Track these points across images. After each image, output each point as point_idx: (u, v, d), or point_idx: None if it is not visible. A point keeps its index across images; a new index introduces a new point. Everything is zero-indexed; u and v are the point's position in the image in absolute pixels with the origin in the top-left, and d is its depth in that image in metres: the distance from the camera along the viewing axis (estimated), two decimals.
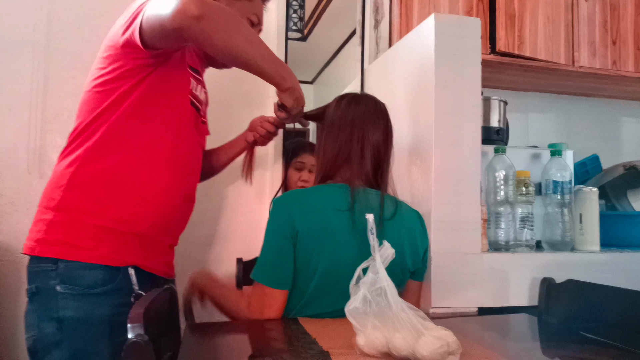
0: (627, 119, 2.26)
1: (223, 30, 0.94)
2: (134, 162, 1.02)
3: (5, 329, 1.45)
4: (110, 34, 1.04)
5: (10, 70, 1.52)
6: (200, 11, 0.89)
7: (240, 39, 0.96)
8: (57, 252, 0.96)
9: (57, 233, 0.97)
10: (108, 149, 1.00)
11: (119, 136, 1.01)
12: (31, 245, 0.98)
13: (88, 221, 0.97)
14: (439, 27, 1.16)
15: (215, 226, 1.69)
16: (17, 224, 1.49)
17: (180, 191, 1.10)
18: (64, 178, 0.99)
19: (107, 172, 1.00)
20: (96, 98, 1.02)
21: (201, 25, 0.90)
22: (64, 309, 0.94)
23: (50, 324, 0.94)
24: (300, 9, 1.80)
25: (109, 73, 1.01)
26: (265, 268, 0.97)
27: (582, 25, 1.80)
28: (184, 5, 0.89)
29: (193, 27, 0.91)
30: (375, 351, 0.71)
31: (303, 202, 0.99)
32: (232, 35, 0.95)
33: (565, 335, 0.97)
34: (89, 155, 1.00)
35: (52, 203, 0.99)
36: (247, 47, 0.97)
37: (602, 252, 1.35)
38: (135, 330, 0.65)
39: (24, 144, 1.52)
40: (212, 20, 0.92)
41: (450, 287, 1.12)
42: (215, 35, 0.93)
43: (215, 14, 0.92)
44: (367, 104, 1.09)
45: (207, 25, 0.91)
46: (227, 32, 0.94)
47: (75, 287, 0.95)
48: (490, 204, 1.32)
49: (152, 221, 1.04)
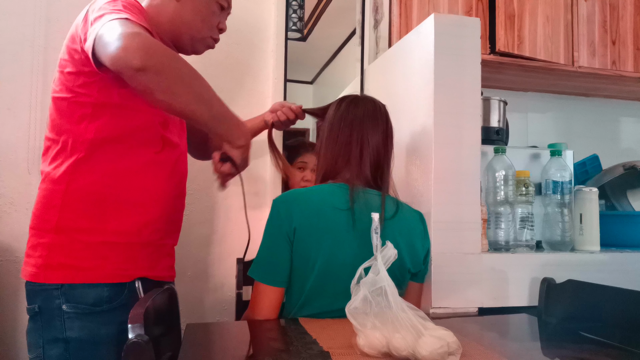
0: (626, 118, 2.26)
1: (166, 87, 0.85)
2: (123, 170, 0.98)
3: (5, 329, 1.45)
4: (72, 31, 0.97)
5: (10, 70, 1.52)
6: (143, 63, 0.80)
7: (185, 97, 0.87)
8: (62, 277, 0.92)
9: (59, 256, 0.93)
10: (95, 161, 0.96)
11: (103, 146, 0.96)
12: (34, 272, 0.94)
13: (89, 239, 0.94)
14: (438, 27, 1.16)
15: (215, 226, 1.69)
16: (17, 224, 1.49)
17: (173, 190, 1.08)
18: (56, 197, 0.95)
19: (99, 185, 0.96)
20: (68, 104, 0.96)
21: (142, 78, 0.82)
22: (70, 329, 0.91)
23: (56, 346, 0.91)
24: (300, 9, 1.80)
25: (78, 77, 0.95)
26: (260, 265, 0.99)
27: (582, 25, 1.80)
28: (125, 52, 0.81)
29: (133, 78, 0.83)
30: (375, 351, 0.71)
31: (302, 201, 1.00)
32: (177, 92, 0.86)
33: (565, 335, 0.97)
34: (76, 170, 0.95)
35: (48, 225, 0.94)
36: (194, 106, 0.89)
37: (602, 252, 1.35)
38: (135, 330, 0.65)
39: (24, 144, 1.52)
40: (156, 75, 0.83)
41: (450, 287, 1.12)
42: (157, 92, 0.85)
43: (160, 67, 0.83)
44: (367, 105, 1.09)
45: (150, 79, 0.83)
46: (171, 88, 0.86)
47: (80, 306, 0.92)
48: (490, 204, 1.33)
49: (154, 226, 1.02)
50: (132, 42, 0.82)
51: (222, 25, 1.17)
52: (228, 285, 1.68)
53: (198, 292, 1.65)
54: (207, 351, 0.82)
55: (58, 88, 0.98)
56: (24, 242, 0.99)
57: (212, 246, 1.68)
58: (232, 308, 1.65)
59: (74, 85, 0.95)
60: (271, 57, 1.75)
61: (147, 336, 0.64)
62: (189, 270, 1.64)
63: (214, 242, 1.69)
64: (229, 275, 1.68)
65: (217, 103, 0.93)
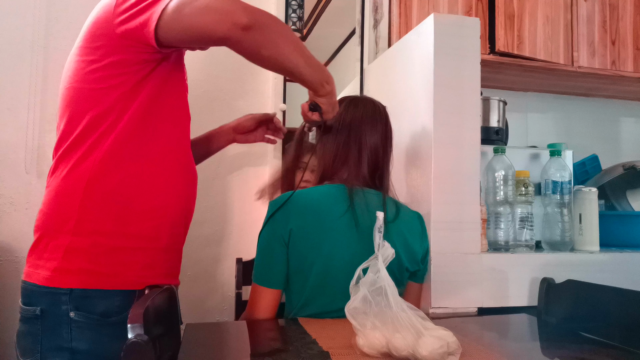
0: (626, 119, 2.26)
1: (271, 41, 0.88)
2: (148, 170, 0.94)
3: (5, 329, 1.45)
4: (95, 19, 0.93)
5: (10, 70, 1.52)
6: (250, 21, 0.83)
7: (286, 48, 0.90)
8: (79, 281, 0.87)
9: (79, 260, 0.88)
10: (120, 159, 0.91)
11: (128, 143, 0.92)
12: (48, 276, 0.87)
13: (111, 244, 0.90)
14: (438, 27, 1.16)
15: (215, 226, 1.69)
16: (16, 224, 1.49)
17: (190, 193, 1.06)
18: (75, 196, 0.89)
19: (123, 185, 0.91)
20: (92, 96, 0.91)
21: (250, 36, 0.85)
22: (78, 339, 0.87)
23: (60, 354, 0.87)
24: (300, 9, 1.80)
25: (106, 67, 0.90)
26: (256, 267, 1.00)
27: (582, 25, 1.80)
28: (231, 15, 0.83)
29: (241, 38, 0.84)
30: (375, 351, 0.71)
31: (297, 202, 1.00)
32: (280, 45, 0.89)
33: (565, 335, 0.97)
34: (99, 167, 0.90)
35: (66, 226, 0.89)
36: (292, 56, 0.91)
37: (602, 252, 1.35)
38: (135, 330, 0.65)
39: (23, 143, 1.52)
40: (261, 31, 0.86)
41: (450, 287, 1.12)
42: (263, 47, 0.88)
43: (263, 23, 0.86)
44: (366, 106, 1.09)
45: (257, 36, 0.85)
46: (275, 42, 0.88)
47: (90, 316, 0.87)
48: (489, 204, 1.33)
49: (173, 230, 0.99)
50: (228, 4, 0.83)
51: None
52: (228, 285, 1.68)
53: (198, 292, 1.65)
54: (207, 351, 0.82)
55: (80, 77, 0.92)
56: (24, 242, 0.96)
57: (212, 246, 1.68)
58: (232, 308, 1.65)
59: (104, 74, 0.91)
60: None
61: (147, 336, 0.64)
62: (189, 270, 1.64)
63: (214, 242, 1.69)
64: (229, 275, 1.68)
65: (307, 52, 0.95)
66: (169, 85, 0.97)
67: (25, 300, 0.91)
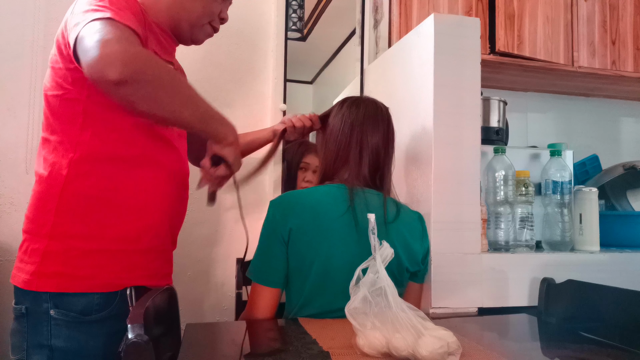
0: (626, 118, 2.26)
1: (147, 96, 0.81)
2: (125, 172, 0.93)
3: (6, 329, 1.45)
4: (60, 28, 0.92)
5: (9, 70, 1.52)
6: (121, 75, 0.76)
7: (170, 103, 0.83)
8: (55, 285, 0.88)
9: (54, 264, 0.88)
10: (94, 161, 0.91)
11: (103, 144, 0.91)
12: (27, 279, 0.89)
13: (86, 247, 0.90)
14: (438, 27, 1.16)
15: (215, 226, 1.69)
16: (16, 224, 1.49)
17: (174, 192, 1.03)
18: (51, 200, 0.90)
19: (98, 189, 0.91)
20: (61, 102, 0.91)
21: (122, 91, 0.78)
22: (56, 337, 0.88)
23: (41, 352, 0.88)
24: (300, 9, 1.80)
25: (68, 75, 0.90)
26: (256, 266, 1.00)
27: (582, 25, 1.80)
28: (102, 64, 0.76)
29: (113, 92, 0.79)
30: (375, 351, 0.71)
31: (297, 202, 1.00)
32: (160, 100, 0.82)
33: (565, 335, 0.97)
34: (75, 170, 0.90)
35: (43, 230, 0.89)
36: (179, 111, 0.85)
37: (602, 252, 1.35)
38: (135, 330, 0.65)
39: (23, 143, 1.52)
40: (136, 85, 0.78)
41: (450, 287, 1.12)
42: (138, 103, 0.81)
43: (139, 77, 0.78)
44: (368, 107, 1.09)
45: (130, 91, 0.78)
46: (153, 97, 0.81)
47: (69, 314, 0.88)
48: (490, 204, 1.33)
49: (155, 231, 0.98)
50: (109, 51, 0.77)
51: (224, 14, 1.11)
52: (228, 285, 1.68)
53: (198, 292, 1.65)
54: (207, 351, 0.82)
55: (49, 85, 0.94)
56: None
57: (212, 246, 1.68)
58: (232, 308, 1.64)
59: (64, 81, 0.91)
60: (271, 57, 1.75)
61: (147, 336, 0.64)
62: (189, 270, 1.64)
63: (214, 242, 1.69)
64: (229, 275, 1.68)
65: (202, 103, 0.89)
66: None
67: (15, 299, 0.93)
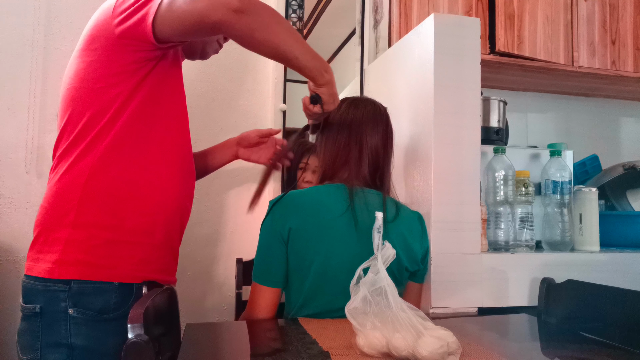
0: (626, 118, 2.26)
1: (265, 24, 0.89)
2: (145, 167, 0.96)
3: (5, 329, 1.45)
4: (95, 22, 0.96)
5: (10, 70, 1.52)
6: (242, 4, 0.85)
7: (281, 33, 0.91)
8: (77, 273, 0.89)
9: (76, 252, 0.90)
10: (118, 155, 0.94)
11: (127, 139, 0.94)
12: (49, 268, 0.90)
13: (108, 236, 0.92)
14: (438, 27, 1.16)
15: (215, 226, 1.69)
16: (16, 224, 1.49)
17: (187, 191, 1.07)
18: (75, 191, 0.92)
19: (121, 181, 0.94)
20: (91, 95, 0.93)
21: (243, 19, 0.86)
22: (76, 335, 0.88)
23: (58, 350, 0.88)
24: (300, 9, 1.80)
25: (104, 67, 0.93)
26: (256, 265, 1.01)
27: (582, 25, 1.80)
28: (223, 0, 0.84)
29: (235, 21, 0.86)
30: (375, 351, 0.71)
31: (297, 202, 1.01)
32: (274, 29, 0.90)
33: (565, 335, 0.97)
34: (98, 163, 0.92)
35: (65, 219, 0.91)
36: (288, 42, 0.92)
37: (602, 252, 1.35)
38: (135, 330, 0.65)
39: (23, 143, 1.52)
40: (254, 14, 0.87)
41: (450, 287, 1.12)
42: (257, 30, 0.88)
43: (256, 8, 0.88)
44: (367, 107, 1.09)
45: (250, 19, 0.87)
46: (269, 26, 0.89)
47: (87, 312, 0.89)
48: (489, 204, 1.33)
49: (168, 227, 1.00)
50: None
51: None
52: (228, 285, 1.68)
53: (198, 292, 1.66)
54: (207, 351, 0.82)
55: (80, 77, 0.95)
56: (24, 242, 0.97)
57: (212, 246, 1.68)
58: (232, 308, 1.65)
59: (103, 74, 0.93)
60: None
61: (147, 336, 0.64)
62: (189, 270, 1.64)
63: (214, 242, 1.69)
64: (229, 275, 1.68)
65: (302, 40, 0.96)
66: (166, 84, 1.00)
67: (25, 298, 0.93)
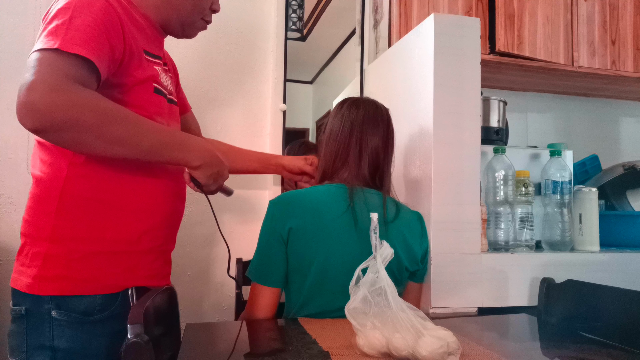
0: (626, 119, 2.26)
1: (74, 141, 0.79)
2: (121, 174, 0.92)
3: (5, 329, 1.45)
4: None
5: (10, 70, 1.52)
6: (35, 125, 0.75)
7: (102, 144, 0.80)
8: (58, 289, 0.87)
9: (56, 267, 0.87)
10: (93, 163, 0.89)
11: None
12: (29, 283, 0.87)
13: (87, 249, 0.89)
14: (438, 27, 1.16)
15: (215, 226, 1.69)
16: (16, 224, 1.49)
17: (173, 191, 1.02)
18: (51, 202, 0.89)
19: (97, 191, 0.90)
20: None
21: (43, 137, 0.78)
22: (59, 338, 0.87)
23: (42, 352, 0.87)
24: (300, 9, 1.80)
25: None
26: (255, 265, 1.01)
27: (582, 25, 1.80)
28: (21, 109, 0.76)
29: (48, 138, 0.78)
30: (375, 351, 0.71)
31: (296, 202, 1.01)
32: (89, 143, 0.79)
33: (565, 335, 0.97)
34: (74, 173, 0.89)
35: (43, 233, 0.88)
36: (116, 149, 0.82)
37: (602, 252, 1.35)
38: (135, 330, 0.65)
39: (23, 143, 1.52)
40: (58, 132, 0.76)
41: (450, 287, 1.12)
42: (68, 147, 0.81)
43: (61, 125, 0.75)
44: (368, 108, 1.10)
45: (52, 138, 0.77)
46: (81, 141, 0.79)
47: (71, 314, 0.87)
48: (489, 204, 1.33)
49: (155, 232, 0.97)
50: (30, 99, 0.76)
51: (215, 5, 1.08)
52: (228, 285, 1.68)
53: (198, 292, 1.65)
54: (207, 351, 0.82)
55: None
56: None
57: (212, 246, 1.68)
58: (232, 308, 1.64)
59: None
60: (271, 57, 1.75)
61: (147, 336, 0.64)
62: (189, 270, 1.64)
63: (214, 242, 1.68)
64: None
65: (147, 136, 0.85)
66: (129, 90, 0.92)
67: (13, 300, 0.92)
